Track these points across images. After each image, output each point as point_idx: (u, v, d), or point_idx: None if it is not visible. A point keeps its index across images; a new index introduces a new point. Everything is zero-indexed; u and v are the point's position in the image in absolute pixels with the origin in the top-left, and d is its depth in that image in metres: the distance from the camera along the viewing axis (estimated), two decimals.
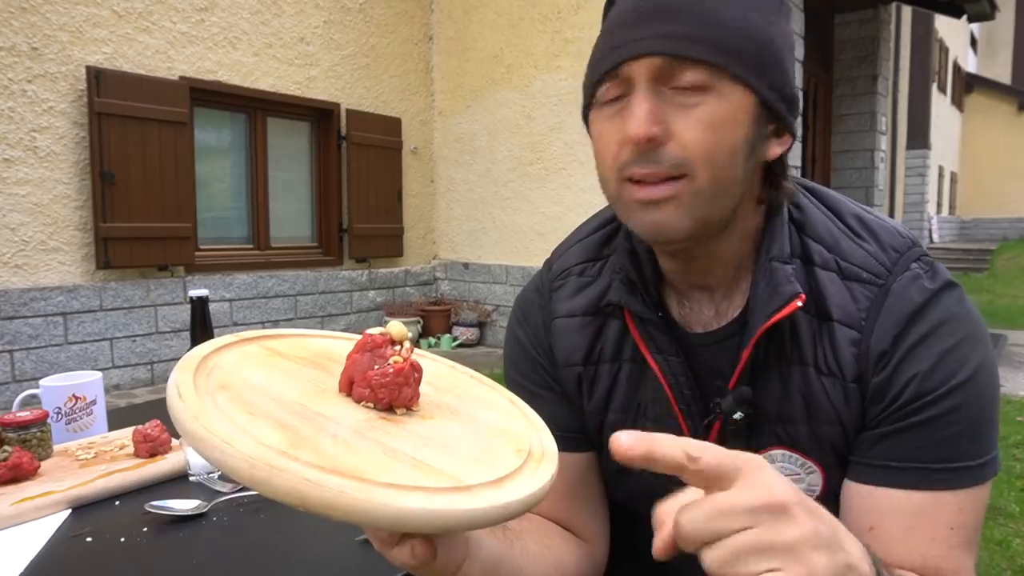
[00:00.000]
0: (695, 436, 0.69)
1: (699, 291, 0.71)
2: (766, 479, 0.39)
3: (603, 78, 0.62)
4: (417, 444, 0.46)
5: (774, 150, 0.64)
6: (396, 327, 0.53)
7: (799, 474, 0.67)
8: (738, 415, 0.66)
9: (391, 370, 0.50)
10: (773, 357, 0.66)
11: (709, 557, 0.38)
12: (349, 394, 0.51)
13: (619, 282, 0.70)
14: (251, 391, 0.47)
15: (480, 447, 0.49)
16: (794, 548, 0.37)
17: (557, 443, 0.55)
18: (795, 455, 0.67)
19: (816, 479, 0.67)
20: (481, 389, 0.60)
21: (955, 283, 0.64)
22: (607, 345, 0.74)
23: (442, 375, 0.59)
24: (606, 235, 0.78)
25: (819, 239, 0.67)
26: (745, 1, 0.60)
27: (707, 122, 0.59)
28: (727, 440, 0.68)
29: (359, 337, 0.60)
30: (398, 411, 0.50)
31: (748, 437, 0.68)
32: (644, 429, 0.72)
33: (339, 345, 0.60)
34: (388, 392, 0.50)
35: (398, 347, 0.52)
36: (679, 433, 0.69)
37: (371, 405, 0.50)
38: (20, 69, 3.80)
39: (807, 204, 0.70)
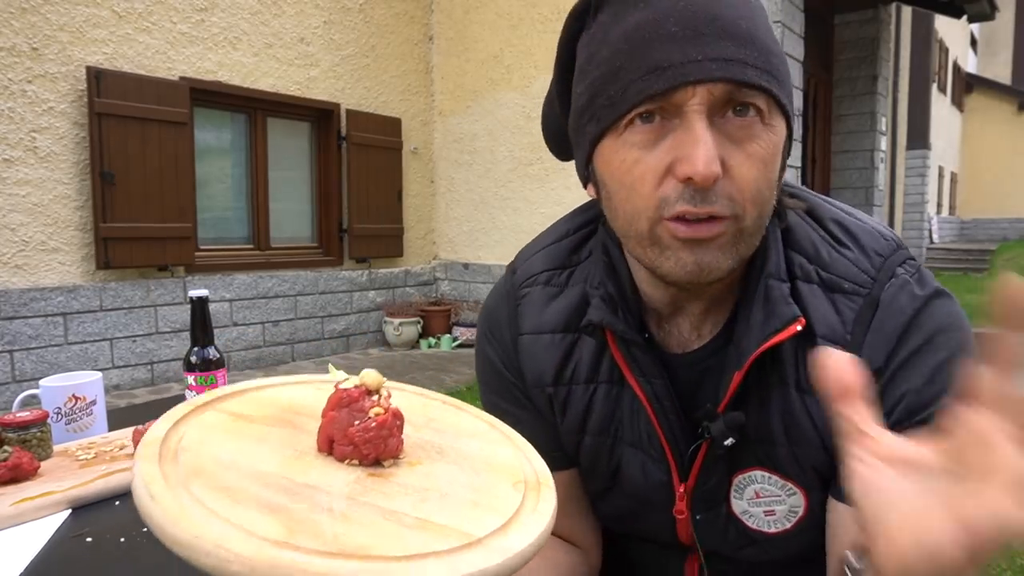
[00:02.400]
0: (678, 459, 0.66)
1: (681, 314, 0.67)
2: None
3: (641, 102, 0.53)
4: (415, 499, 0.44)
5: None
6: (371, 376, 0.50)
7: (780, 496, 0.64)
8: (729, 441, 0.61)
9: (373, 424, 0.47)
10: (753, 379, 0.62)
11: None
12: (330, 453, 0.48)
13: (599, 299, 0.65)
14: (226, 472, 0.43)
15: (477, 488, 0.47)
16: None
17: None
18: (775, 477, 0.64)
19: (798, 501, 0.64)
20: (458, 416, 0.58)
21: (944, 290, 0.61)
22: (581, 365, 0.69)
23: (415, 408, 0.57)
24: (576, 242, 0.73)
25: (801, 250, 0.63)
26: (767, 24, 0.57)
27: (760, 157, 0.54)
28: (713, 464, 0.65)
29: (319, 378, 0.57)
30: (385, 463, 0.48)
31: (730, 459, 0.64)
32: (622, 453, 0.70)
33: (301, 393, 0.56)
34: (373, 447, 0.47)
35: (375, 396, 0.49)
36: (662, 456, 0.67)
37: (356, 462, 0.47)
38: (20, 69, 3.80)
39: (789, 213, 0.65)
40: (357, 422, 0.47)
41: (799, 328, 0.58)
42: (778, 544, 0.66)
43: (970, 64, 20.45)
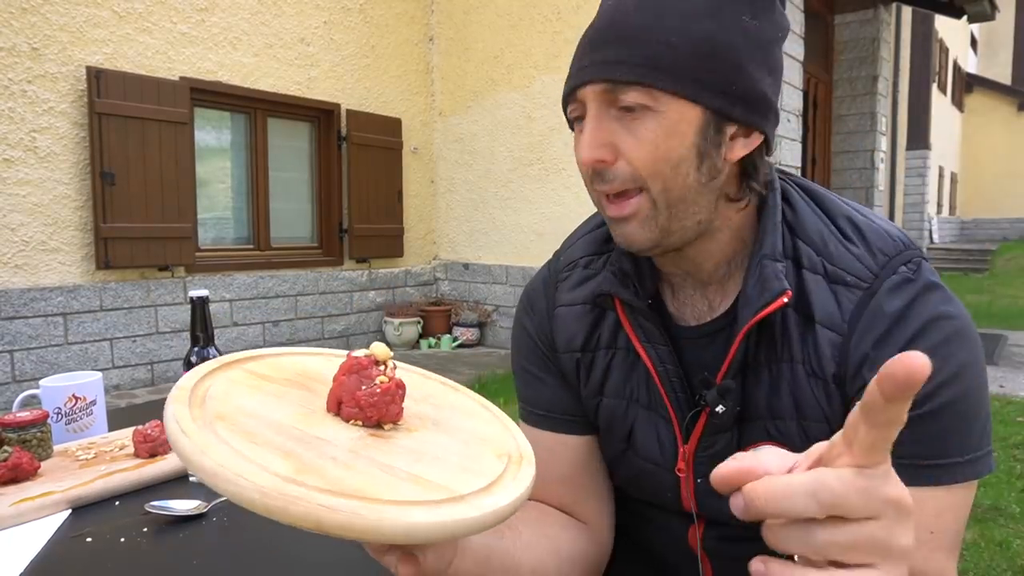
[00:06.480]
0: (683, 426, 0.72)
1: (691, 286, 0.74)
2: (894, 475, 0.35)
3: (567, 101, 0.67)
4: (410, 459, 0.49)
5: (737, 152, 0.64)
6: (380, 348, 0.56)
7: None
8: (720, 408, 0.67)
9: (378, 390, 0.52)
10: (764, 354, 0.67)
11: (816, 536, 0.34)
12: (337, 414, 0.53)
13: (610, 274, 0.73)
14: (247, 419, 0.48)
15: (466, 455, 0.52)
16: (902, 555, 0.34)
17: (559, 426, 0.61)
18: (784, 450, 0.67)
19: None
20: (454, 396, 0.63)
21: (940, 284, 0.63)
22: (604, 333, 0.77)
23: (415, 385, 0.62)
24: (608, 231, 0.80)
25: (809, 242, 0.67)
26: (689, 9, 0.60)
27: (647, 139, 0.62)
28: (715, 433, 0.70)
29: (331, 352, 0.64)
30: (385, 427, 0.53)
31: (739, 432, 0.69)
32: (636, 415, 0.75)
33: (315, 362, 0.63)
34: (376, 411, 0.52)
35: (382, 367, 0.55)
36: (667, 420, 0.73)
37: (360, 423, 0.52)
38: (20, 69, 3.80)
39: (801, 205, 0.69)
40: (364, 387, 0.53)
41: (785, 301, 0.62)
42: None
43: (970, 64, 20.43)
